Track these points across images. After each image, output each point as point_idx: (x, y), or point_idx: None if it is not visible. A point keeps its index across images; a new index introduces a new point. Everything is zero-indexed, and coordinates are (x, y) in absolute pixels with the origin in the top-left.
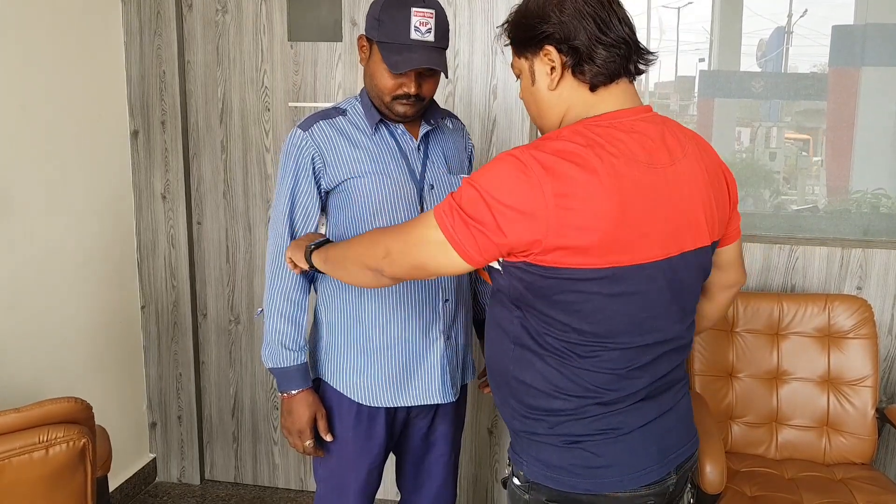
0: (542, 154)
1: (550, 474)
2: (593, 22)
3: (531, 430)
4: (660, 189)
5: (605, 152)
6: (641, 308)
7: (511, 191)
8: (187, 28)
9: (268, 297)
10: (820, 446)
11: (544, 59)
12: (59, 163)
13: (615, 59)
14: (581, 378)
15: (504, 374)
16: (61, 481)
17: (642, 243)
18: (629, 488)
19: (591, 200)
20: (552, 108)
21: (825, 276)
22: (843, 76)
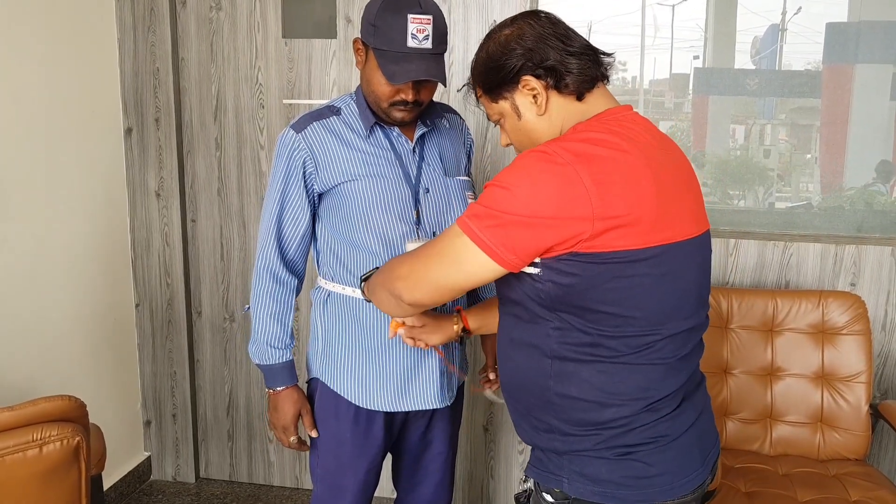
0: (568, 143)
1: (598, 489)
2: (556, 39)
3: (575, 447)
4: (676, 171)
5: (627, 137)
6: (684, 289)
7: (547, 183)
8: (181, 25)
9: (254, 295)
10: (814, 442)
11: (524, 91)
12: (53, 160)
13: (588, 64)
14: (634, 375)
15: (541, 392)
16: (55, 480)
17: (679, 219)
18: (679, 495)
19: (628, 177)
20: (546, 131)
21: (819, 273)
22: (836, 73)
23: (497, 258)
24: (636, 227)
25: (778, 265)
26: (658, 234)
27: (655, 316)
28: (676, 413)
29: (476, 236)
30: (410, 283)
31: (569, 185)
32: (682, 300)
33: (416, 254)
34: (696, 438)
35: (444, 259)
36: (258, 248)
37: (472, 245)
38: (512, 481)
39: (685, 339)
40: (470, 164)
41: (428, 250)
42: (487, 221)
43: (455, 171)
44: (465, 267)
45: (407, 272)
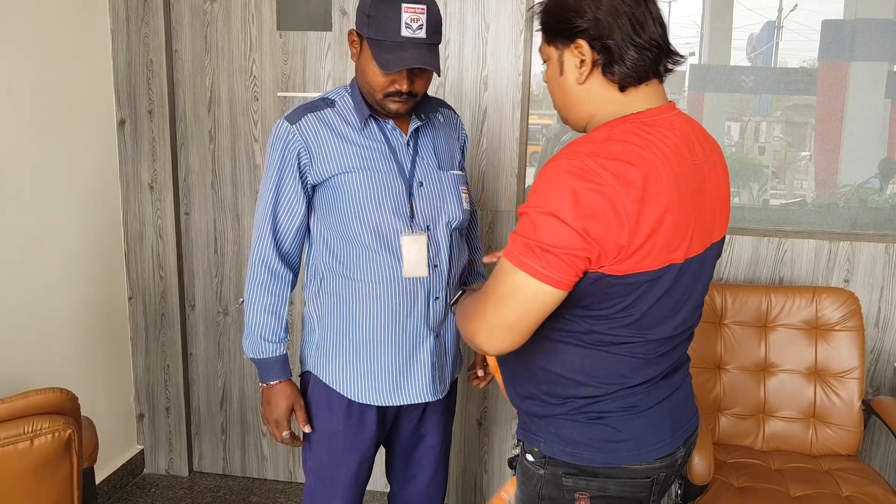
0: (606, 161)
1: (569, 450)
2: (629, 22)
3: (552, 412)
4: (700, 185)
5: (660, 152)
6: (676, 301)
7: (591, 205)
8: (175, 16)
9: (249, 288)
10: (806, 438)
11: (575, 52)
12: (45, 152)
13: (645, 61)
14: (615, 363)
15: (528, 365)
16: (46, 472)
17: (690, 239)
18: (645, 461)
19: (659, 202)
20: (579, 102)
21: (813, 269)
22: (832, 70)
23: (552, 283)
24: (656, 252)
25: (772, 261)
26: (671, 255)
27: (647, 324)
28: (650, 387)
29: (529, 267)
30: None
31: (611, 212)
32: (676, 311)
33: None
34: (668, 412)
35: (509, 300)
36: (253, 241)
37: (528, 278)
38: (505, 475)
39: (670, 341)
40: (464, 159)
41: (494, 296)
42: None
43: (449, 166)
44: (528, 297)
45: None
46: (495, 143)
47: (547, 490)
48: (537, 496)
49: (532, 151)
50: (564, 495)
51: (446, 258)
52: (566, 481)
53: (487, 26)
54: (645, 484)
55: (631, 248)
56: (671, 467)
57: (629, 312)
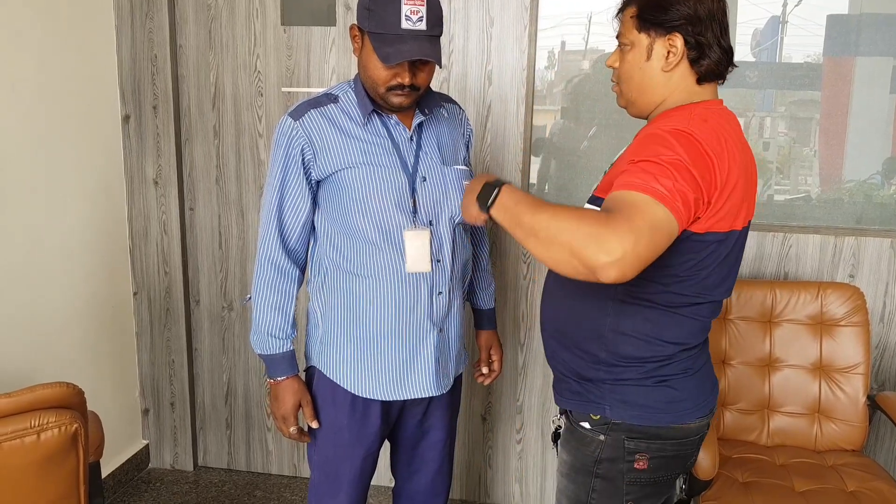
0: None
1: (635, 412)
2: (719, 26)
3: (619, 376)
4: (747, 163)
5: (728, 132)
6: (730, 267)
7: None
8: (179, 12)
9: (256, 286)
10: (811, 433)
11: (666, 44)
12: (50, 148)
13: (723, 62)
14: (682, 326)
15: (597, 328)
16: (53, 466)
17: (745, 208)
18: (698, 416)
19: (733, 172)
20: (658, 87)
21: (818, 264)
22: (837, 65)
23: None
24: (727, 216)
25: (777, 256)
26: (736, 220)
27: (706, 287)
28: (699, 352)
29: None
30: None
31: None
32: (729, 276)
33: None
34: (709, 372)
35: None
36: (259, 238)
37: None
38: (510, 470)
39: (718, 305)
40: (469, 155)
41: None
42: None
43: (453, 160)
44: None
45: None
46: (499, 137)
47: (607, 454)
48: (594, 461)
49: None
50: (624, 457)
51: (449, 253)
52: (628, 444)
53: (492, 21)
54: (696, 441)
55: (714, 207)
56: (709, 424)
57: (697, 271)
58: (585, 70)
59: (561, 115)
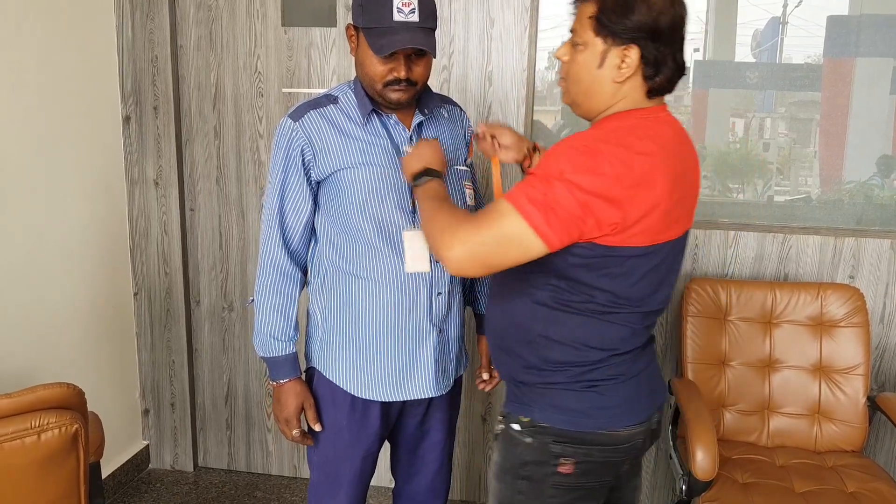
0: (615, 147)
1: (563, 416)
2: (678, 39)
3: (549, 380)
4: (684, 174)
5: (658, 143)
6: (662, 277)
7: (597, 181)
8: (180, 12)
9: (258, 288)
10: (811, 434)
11: (621, 54)
12: (51, 148)
13: (675, 77)
14: (608, 332)
15: (526, 333)
16: (53, 467)
17: (677, 220)
18: (628, 424)
19: (656, 186)
20: (606, 96)
21: (818, 265)
22: (837, 66)
23: (545, 238)
24: (648, 230)
25: (777, 257)
26: (662, 234)
27: (634, 296)
28: (635, 357)
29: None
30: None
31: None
32: (661, 286)
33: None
34: (647, 379)
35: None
36: (261, 241)
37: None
38: None
39: (652, 314)
40: (470, 156)
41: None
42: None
43: (453, 161)
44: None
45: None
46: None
47: (532, 457)
48: (520, 462)
49: None
50: (550, 461)
51: None
52: (554, 448)
53: (492, 22)
54: (626, 449)
55: (624, 225)
56: (647, 432)
57: (620, 284)
58: None
59: (561, 115)
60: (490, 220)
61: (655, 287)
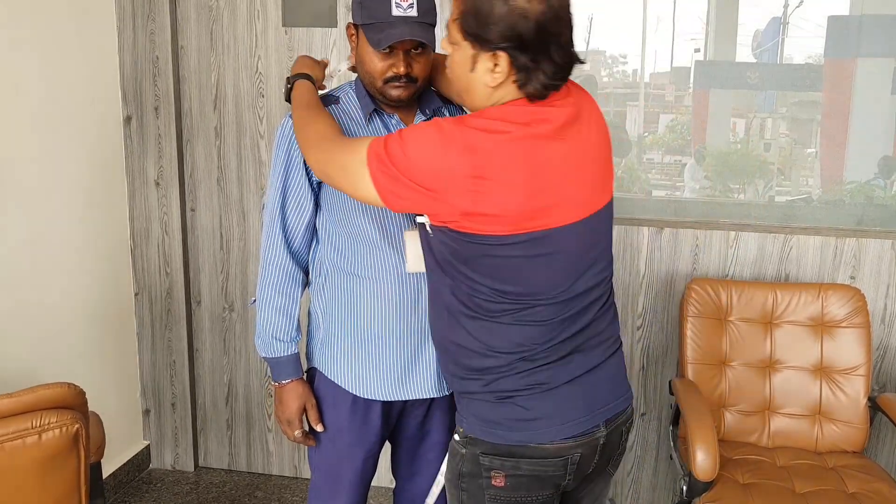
0: (466, 129)
1: (486, 428)
2: (552, 44)
3: (468, 389)
4: (573, 158)
5: (523, 131)
6: (561, 265)
7: (433, 161)
8: (181, 13)
9: (260, 288)
10: (812, 434)
11: (491, 59)
12: (52, 148)
13: (557, 78)
14: (510, 333)
15: (442, 339)
16: (54, 467)
17: (558, 209)
18: (557, 438)
19: (506, 175)
20: (483, 99)
21: (819, 266)
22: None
23: (384, 199)
24: (504, 218)
25: (778, 258)
26: (527, 224)
27: (528, 289)
28: (558, 364)
29: (375, 175)
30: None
31: (451, 173)
32: (558, 276)
33: (330, 152)
34: (583, 390)
35: (347, 173)
36: (263, 241)
37: (369, 179)
38: None
39: (564, 306)
40: None
41: (338, 158)
42: (384, 169)
43: None
44: (359, 189)
45: (315, 156)
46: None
47: (467, 468)
48: (458, 474)
49: None
50: (482, 473)
51: None
52: (483, 460)
53: None
54: (558, 463)
55: (470, 209)
56: (590, 447)
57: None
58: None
59: None
60: (345, 152)
61: (556, 277)
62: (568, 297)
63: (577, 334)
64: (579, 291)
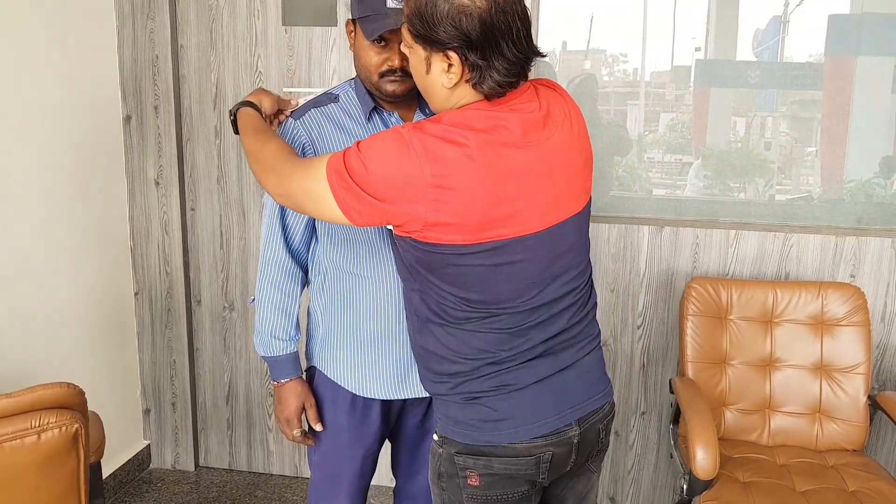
0: (426, 137)
1: (456, 429)
2: (502, 41)
3: (438, 391)
4: (537, 166)
5: (484, 138)
6: (526, 274)
7: (393, 171)
8: (180, 12)
9: (260, 287)
10: (812, 433)
11: (443, 60)
12: (52, 148)
13: (513, 74)
14: (475, 340)
15: (414, 344)
16: (53, 467)
17: (521, 218)
18: (525, 438)
19: (466, 184)
20: (443, 100)
21: (819, 264)
22: (838, 65)
23: (347, 214)
24: (465, 227)
25: (778, 256)
26: (489, 233)
27: (492, 298)
28: (524, 366)
29: (335, 190)
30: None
31: (412, 180)
32: (522, 285)
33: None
34: (551, 390)
35: (309, 196)
36: (262, 240)
37: (331, 195)
38: None
39: (531, 314)
40: None
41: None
42: (344, 184)
43: None
44: (324, 209)
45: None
46: None
47: (444, 468)
48: (438, 474)
49: None
50: (458, 473)
51: None
52: (458, 460)
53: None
54: (530, 462)
55: (431, 218)
56: (563, 445)
57: (465, 285)
58: (587, 70)
59: None
60: (304, 173)
61: (519, 286)
62: (533, 305)
63: (547, 340)
64: (547, 300)
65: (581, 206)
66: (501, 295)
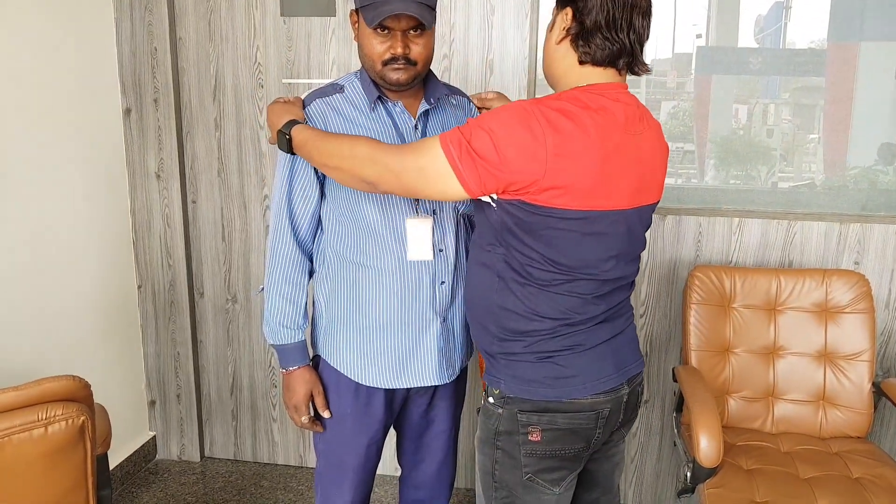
0: (547, 109)
1: (525, 387)
2: (610, 15)
3: (509, 350)
4: (632, 151)
5: (596, 116)
6: (607, 247)
7: (518, 137)
8: (178, 3)
9: (268, 276)
10: (816, 420)
11: (563, 17)
12: (52, 142)
13: (607, 51)
14: (556, 302)
15: (488, 304)
16: (61, 459)
17: (615, 194)
18: (590, 394)
19: (582, 154)
20: (553, 62)
21: (823, 252)
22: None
23: (464, 184)
24: (573, 193)
25: (781, 244)
26: (591, 202)
27: (577, 263)
28: (592, 329)
29: (454, 162)
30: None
31: (535, 146)
32: (603, 256)
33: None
34: (611, 351)
35: (422, 170)
36: (270, 229)
37: (448, 168)
38: None
39: (602, 284)
40: None
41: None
42: (465, 156)
43: None
44: (436, 181)
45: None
46: None
47: (504, 427)
48: (494, 433)
49: None
50: (519, 430)
51: (452, 243)
52: (521, 417)
53: (493, 9)
54: (591, 417)
55: (548, 182)
56: (617, 403)
57: (557, 248)
58: None
59: None
60: (416, 151)
61: (601, 256)
62: (608, 277)
63: (609, 309)
64: (617, 275)
65: (657, 198)
66: (586, 261)
